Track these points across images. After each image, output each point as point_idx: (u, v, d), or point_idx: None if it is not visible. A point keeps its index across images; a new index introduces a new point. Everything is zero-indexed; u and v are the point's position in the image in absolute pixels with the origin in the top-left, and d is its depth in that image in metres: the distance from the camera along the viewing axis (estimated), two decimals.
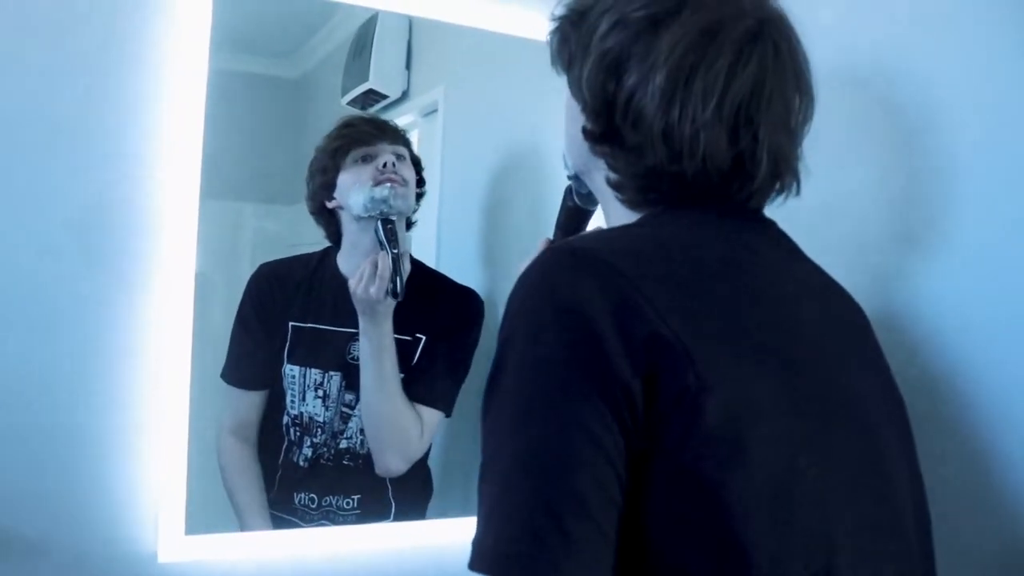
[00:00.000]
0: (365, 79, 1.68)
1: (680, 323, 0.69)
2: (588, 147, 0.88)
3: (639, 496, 0.69)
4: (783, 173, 0.84)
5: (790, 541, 0.69)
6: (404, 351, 1.47)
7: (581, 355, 0.68)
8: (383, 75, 1.66)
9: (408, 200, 1.48)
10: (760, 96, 0.80)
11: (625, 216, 0.87)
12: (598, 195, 0.92)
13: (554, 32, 0.90)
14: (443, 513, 1.50)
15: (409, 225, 1.54)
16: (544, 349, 0.69)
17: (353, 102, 1.69)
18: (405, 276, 1.37)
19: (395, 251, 1.36)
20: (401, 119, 1.65)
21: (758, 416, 0.70)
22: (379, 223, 1.39)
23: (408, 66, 1.68)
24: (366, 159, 1.46)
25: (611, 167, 0.86)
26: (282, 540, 1.42)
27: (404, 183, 1.46)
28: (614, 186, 0.87)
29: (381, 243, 1.38)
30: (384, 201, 1.41)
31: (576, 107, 0.88)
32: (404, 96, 1.69)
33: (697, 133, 0.79)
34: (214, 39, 1.39)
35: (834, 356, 0.81)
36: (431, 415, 1.46)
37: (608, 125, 0.84)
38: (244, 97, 1.51)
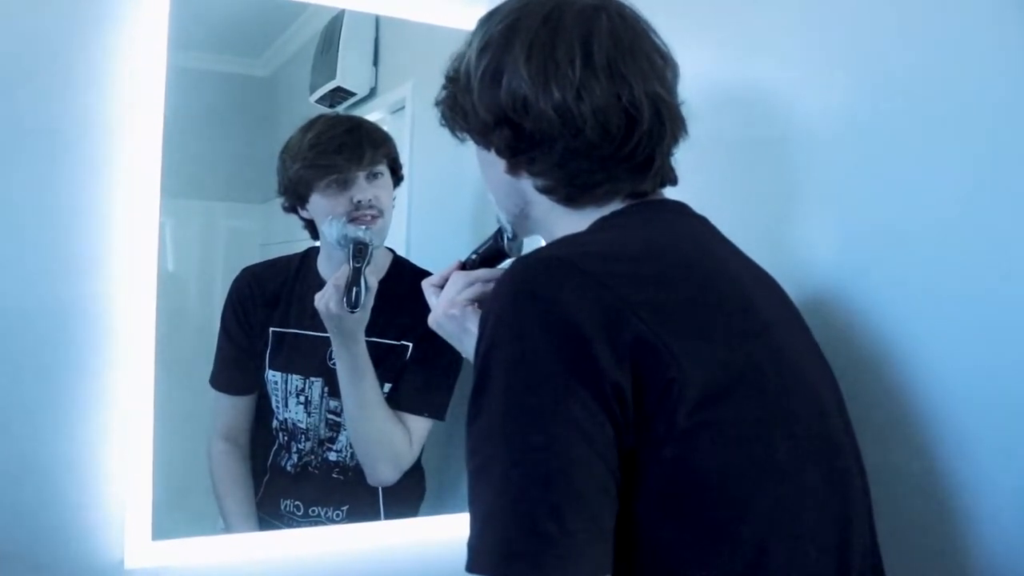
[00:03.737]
0: (332, 76, 1.66)
1: (656, 320, 0.72)
2: (511, 176, 0.91)
3: (631, 491, 0.72)
4: (665, 118, 0.88)
5: (771, 516, 0.73)
6: (391, 358, 1.45)
7: (571, 357, 0.69)
8: (350, 72, 1.65)
9: (384, 231, 1.45)
10: (622, 50, 0.86)
11: (573, 225, 0.89)
12: (541, 224, 0.94)
13: (442, 102, 0.95)
14: (437, 511, 1.50)
15: None
16: (532, 353, 0.70)
17: (321, 99, 1.66)
18: (367, 290, 1.31)
19: (357, 265, 1.32)
20: (369, 116, 1.64)
21: (734, 400, 0.73)
22: (351, 245, 1.37)
23: (376, 63, 1.67)
24: (340, 184, 1.41)
25: (535, 174, 0.90)
26: (252, 543, 1.39)
27: (380, 214, 1.43)
28: (547, 191, 0.90)
29: (347, 258, 1.35)
30: (358, 239, 1.37)
31: (487, 154, 0.93)
32: (372, 93, 1.68)
33: (579, 95, 0.84)
34: (183, 39, 1.36)
35: (781, 329, 0.85)
36: (421, 424, 1.45)
37: (511, 128, 0.88)
38: (214, 96, 1.49)
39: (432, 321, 0.99)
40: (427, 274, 1.42)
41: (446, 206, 1.68)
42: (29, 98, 1.26)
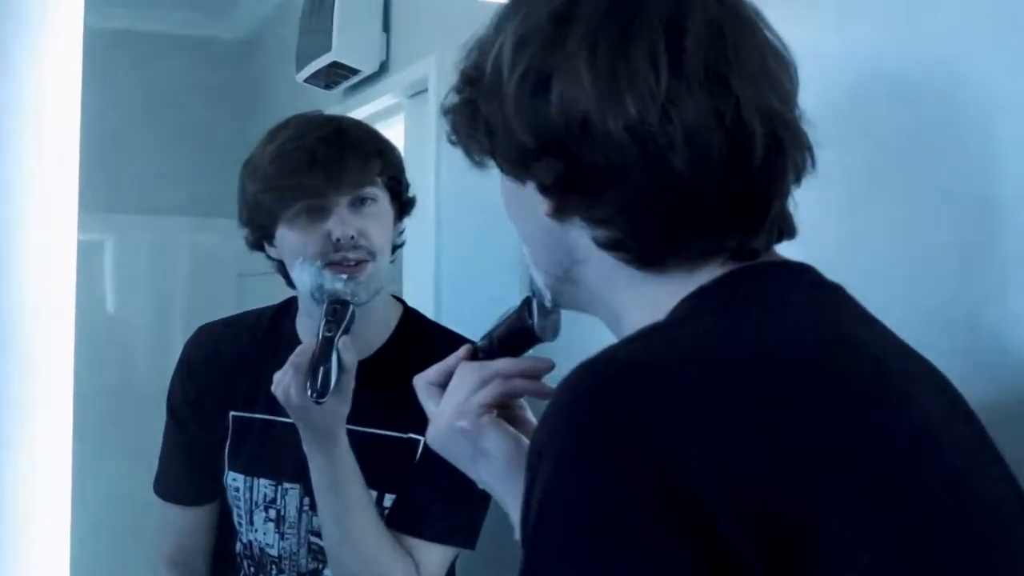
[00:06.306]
0: (327, 48, 1.42)
1: (790, 455, 0.62)
2: (555, 222, 0.75)
3: None
4: (786, 144, 0.73)
5: None
6: (395, 457, 1.13)
7: (671, 512, 0.59)
8: (351, 43, 1.38)
9: (374, 281, 1.11)
10: (723, 46, 0.72)
11: (648, 297, 0.75)
12: (595, 293, 0.79)
13: (452, 110, 0.77)
14: None
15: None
16: (613, 509, 0.60)
17: (313, 78, 1.42)
18: (342, 371, 1.02)
19: (329, 334, 1.04)
20: (379, 100, 1.38)
21: (889, 552, 0.62)
22: (324, 304, 1.08)
23: (386, 28, 1.40)
24: (315, 212, 1.09)
25: (593, 221, 0.73)
26: None
27: (370, 256, 1.10)
28: (610, 245, 0.74)
29: (319, 325, 1.06)
30: (335, 294, 1.07)
31: (520, 190, 0.75)
32: (383, 70, 1.40)
33: (665, 112, 0.69)
34: None
35: (970, 465, 0.72)
36: (437, 553, 1.11)
37: (562, 157, 0.72)
38: (168, 66, 1.26)
39: (432, 437, 0.81)
40: (450, 336, 1.17)
41: (480, 209, 1.35)
42: None
